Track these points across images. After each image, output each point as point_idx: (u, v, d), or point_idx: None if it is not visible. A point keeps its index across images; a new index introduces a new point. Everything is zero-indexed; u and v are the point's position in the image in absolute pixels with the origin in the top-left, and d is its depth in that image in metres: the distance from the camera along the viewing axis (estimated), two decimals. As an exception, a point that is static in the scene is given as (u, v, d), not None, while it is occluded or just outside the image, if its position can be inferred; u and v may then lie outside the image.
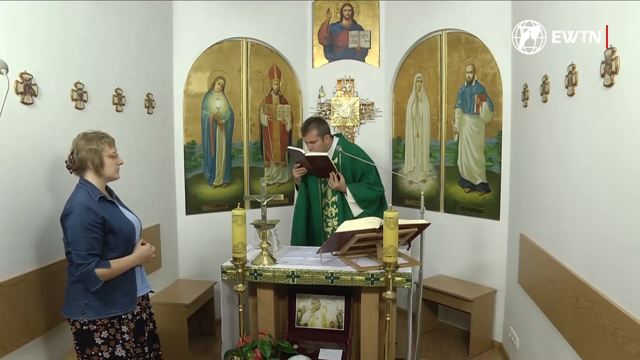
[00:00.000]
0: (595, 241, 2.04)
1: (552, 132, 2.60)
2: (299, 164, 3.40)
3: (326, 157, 3.22)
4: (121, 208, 2.30)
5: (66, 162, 2.19)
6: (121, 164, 2.29)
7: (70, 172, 2.21)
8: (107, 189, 2.31)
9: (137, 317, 2.30)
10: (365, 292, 2.72)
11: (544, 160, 2.73)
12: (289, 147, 3.52)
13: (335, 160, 3.38)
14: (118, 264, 2.15)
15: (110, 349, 2.15)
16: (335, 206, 3.39)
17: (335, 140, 3.45)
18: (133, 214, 2.36)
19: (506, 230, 3.66)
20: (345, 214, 3.36)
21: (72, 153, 2.18)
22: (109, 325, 2.15)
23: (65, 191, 2.31)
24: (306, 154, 3.23)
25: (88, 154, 2.15)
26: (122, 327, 2.18)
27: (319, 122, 3.36)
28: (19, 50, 2.24)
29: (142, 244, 2.31)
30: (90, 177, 2.18)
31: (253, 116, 4.35)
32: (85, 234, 2.04)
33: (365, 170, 3.38)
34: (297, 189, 3.59)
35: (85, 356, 2.14)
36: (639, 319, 1.68)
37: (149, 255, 2.31)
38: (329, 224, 3.42)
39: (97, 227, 2.08)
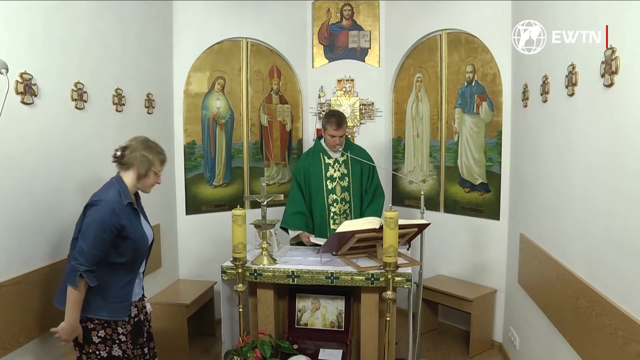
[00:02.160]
0: (595, 241, 2.04)
1: (552, 132, 2.60)
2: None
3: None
4: (142, 218, 2.29)
5: (116, 151, 2.18)
6: (159, 183, 2.30)
7: (113, 162, 2.20)
8: (135, 194, 2.29)
9: (136, 319, 2.29)
10: (365, 292, 2.73)
11: (544, 160, 2.72)
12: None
13: (344, 157, 3.39)
14: (77, 297, 2.02)
15: (107, 348, 2.15)
16: (344, 202, 3.38)
17: None
18: (149, 225, 2.35)
19: (506, 230, 3.66)
20: (353, 211, 3.35)
21: (126, 148, 2.18)
22: (105, 325, 2.14)
23: (65, 191, 2.32)
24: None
25: (141, 159, 2.16)
26: (117, 328, 2.18)
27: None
28: (19, 50, 2.23)
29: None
30: (128, 177, 2.18)
31: (253, 116, 4.35)
32: (98, 233, 2.03)
33: (370, 168, 3.42)
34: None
35: (83, 352, 2.14)
36: (639, 319, 1.68)
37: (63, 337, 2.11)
38: (337, 221, 3.33)
39: (111, 231, 2.06)
